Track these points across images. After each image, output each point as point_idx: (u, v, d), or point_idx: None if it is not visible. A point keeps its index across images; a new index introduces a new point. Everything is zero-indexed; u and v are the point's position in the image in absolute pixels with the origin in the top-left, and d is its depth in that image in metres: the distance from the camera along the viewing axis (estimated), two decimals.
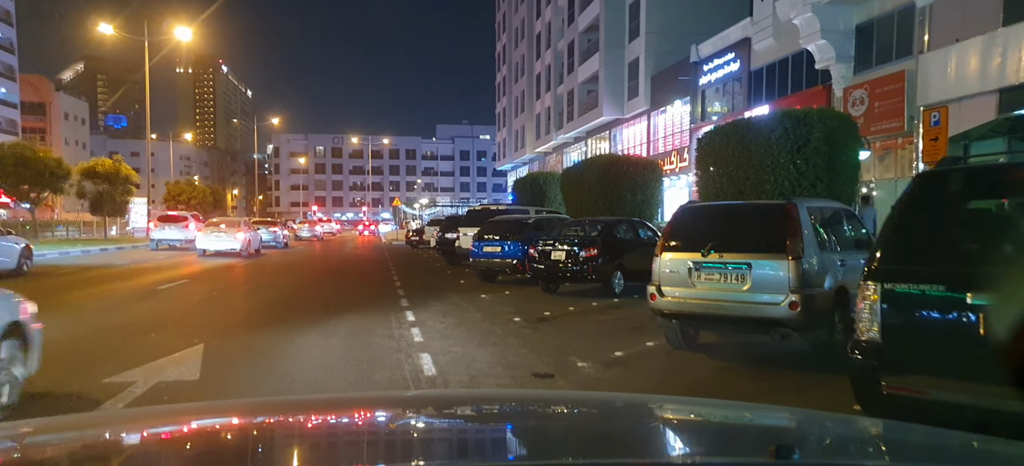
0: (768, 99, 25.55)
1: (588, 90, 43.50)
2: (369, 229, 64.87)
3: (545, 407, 1.96)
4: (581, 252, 11.77)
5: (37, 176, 27.57)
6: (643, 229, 13.57)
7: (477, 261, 15.19)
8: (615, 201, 19.49)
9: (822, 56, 21.15)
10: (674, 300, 6.50)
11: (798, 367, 6.31)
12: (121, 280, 15.08)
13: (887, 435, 1.63)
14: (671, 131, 35.29)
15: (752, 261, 5.99)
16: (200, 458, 1.38)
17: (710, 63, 30.47)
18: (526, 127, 59.19)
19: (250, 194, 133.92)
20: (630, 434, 1.61)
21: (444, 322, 9.26)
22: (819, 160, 10.78)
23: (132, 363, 6.13)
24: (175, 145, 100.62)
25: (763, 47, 26.21)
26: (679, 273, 6.46)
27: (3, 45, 75.19)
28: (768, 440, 1.39)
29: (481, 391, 4.88)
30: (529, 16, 57.35)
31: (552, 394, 3.97)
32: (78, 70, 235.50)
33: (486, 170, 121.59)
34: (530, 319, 9.56)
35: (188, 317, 9.74)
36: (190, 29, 37.33)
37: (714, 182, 12.80)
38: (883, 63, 19.35)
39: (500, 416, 1.82)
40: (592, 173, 20.32)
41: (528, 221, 15.52)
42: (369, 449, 1.49)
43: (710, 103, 31.34)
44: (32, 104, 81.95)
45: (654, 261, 6.72)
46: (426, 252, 30.80)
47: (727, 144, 12.38)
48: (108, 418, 2.45)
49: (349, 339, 7.96)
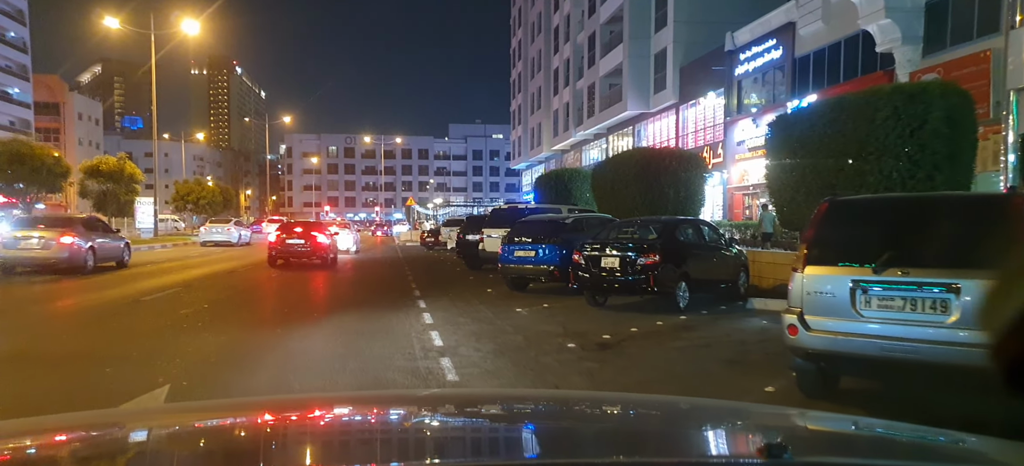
0: (816, 88, 23.40)
1: (610, 84, 41.44)
2: (382, 230, 63.11)
3: (533, 406, 2.01)
4: (639, 258, 9.76)
5: (33, 174, 25.99)
6: (707, 229, 11.57)
7: (507, 267, 13.22)
8: (655, 198, 17.46)
9: (884, 37, 19.00)
10: (827, 336, 4.50)
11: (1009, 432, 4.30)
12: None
13: (879, 434, 1.62)
14: (702, 125, 33.16)
15: (960, 281, 3.98)
16: (213, 456, 1.39)
17: (747, 51, 28.32)
18: (543, 124, 57.19)
19: (263, 194, 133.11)
20: (621, 433, 1.64)
21: (479, 348, 7.33)
22: (938, 145, 8.70)
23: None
24: (189, 145, 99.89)
25: (810, 31, 24.04)
26: (835, 297, 4.47)
27: (16, 44, 74.38)
28: (759, 440, 1.41)
29: (475, 391, 4.77)
30: (546, 9, 55.34)
31: (541, 393, 3.91)
32: (96, 72, 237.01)
33: (499, 170, 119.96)
34: (587, 345, 7.59)
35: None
36: (197, 22, 35.93)
37: (793, 174, 10.77)
38: (961, 43, 17.16)
39: (494, 416, 1.82)
40: (629, 168, 18.28)
41: (565, 221, 13.51)
42: (382, 448, 1.48)
43: (747, 94, 29.19)
44: (46, 104, 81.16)
45: (792, 278, 4.75)
46: (443, 254, 29.02)
47: (812, 129, 10.35)
48: (133, 415, 2.49)
49: (360, 374, 6.07)
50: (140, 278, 15.65)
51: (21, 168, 25.82)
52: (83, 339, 8.06)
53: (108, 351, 7.11)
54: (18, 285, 13.85)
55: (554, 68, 53.96)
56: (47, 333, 8.61)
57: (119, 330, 8.69)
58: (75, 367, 6.35)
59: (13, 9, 73.45)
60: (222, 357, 6.93)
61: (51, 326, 9.25)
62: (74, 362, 6.58)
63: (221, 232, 35.24)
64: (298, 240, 19.35)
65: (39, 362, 6.58)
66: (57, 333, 8.61)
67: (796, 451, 1.28)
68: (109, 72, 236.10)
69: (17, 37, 74.45)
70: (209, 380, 5.93)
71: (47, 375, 6.02)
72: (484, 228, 17.81)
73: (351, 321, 9.32)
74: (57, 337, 8.27)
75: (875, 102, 9.22)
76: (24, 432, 1.46)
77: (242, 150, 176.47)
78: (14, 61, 73.44)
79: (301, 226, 20.73)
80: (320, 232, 20.23)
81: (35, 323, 9.43)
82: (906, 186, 8.67)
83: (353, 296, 13.11)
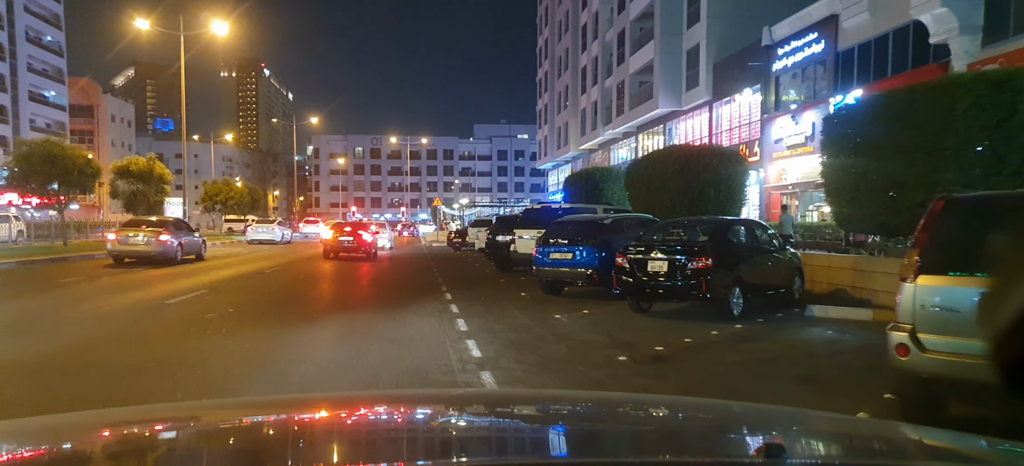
0: (861, 83, 22.33)
1: (640, 82, 40.55)
2: (408, 230, 62.91)
3: (532, 406, 2.00)
4: (690, 262, 9.05)
5: (65, 174, 26.07)
6: (759, 230, 10.81)
7: (542, 270, 12.58)
8: (696, 198, 16.71)
9: (939, 27, 17.93)
10: (947, 359, 3.80)
11: None
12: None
13: (878, 434, 1.62)
14: (737, 123, 32.13)
15: None
16: (241, 453, 1.40)
17: (786, 46, 27.28)
18: (570, 124, 56.41)
19: (290, 195, 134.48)
20: (620, 433, 1.63)
21: (521, 361, 6.73)
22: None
23: None
24: (218, 147, 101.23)
25: (855, 23, 22.97)
26: (956, 311, 3.77)
27: (52, 48, 75.93)
28: (758, 440, 1.41)
29: (476, 391, 4.79)
30: (574, 7, 54.57)
31: (540, 393, 3.96)
32: (129, 76, 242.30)
33: (524, 170, 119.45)
34: (639, 357, 6.93)
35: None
36: (226, 24, 35.99)
37: (852, 172, 9.97)
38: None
39: (493, 415, 1.83)
40: (667, 166, 17.53)
41: (604, 222, 12.82)
42: (407, 447, 1.49)
43: (785, 91, 28.14)
44: (81, 107, 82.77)
45: (900, 289, 4.06)
46: (470, 255, 28.56)
47: (874, 123, 9.54)
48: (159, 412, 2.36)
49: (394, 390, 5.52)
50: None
51: (53, 169, 25.89)
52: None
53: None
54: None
55: (582, 66, 53.18)
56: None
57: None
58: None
59: (49, 13, 74.97)
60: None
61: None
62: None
63: (266, 231, 38.52)
64: (348, 237, 23.33)
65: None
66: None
67: (796, 451, 1.29)
68: (141, 76, 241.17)
69: (53, 41, 75.97)
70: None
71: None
72: (516, 229, 17.20)
73: (384, 327, 8.79)
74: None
75: (953, 91, 8.36)
76: (24, 432, 1.49)
77: (270, 151, 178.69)
78: (50, 64, 74.95)
79: (350, 226, 25.03)
80: (365, 231, 24.31)
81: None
82: (989, 184, 7.84)
83: (388, 295, 12.67)
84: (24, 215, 37.94)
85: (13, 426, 1.61)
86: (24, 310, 10.45)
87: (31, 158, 25.79)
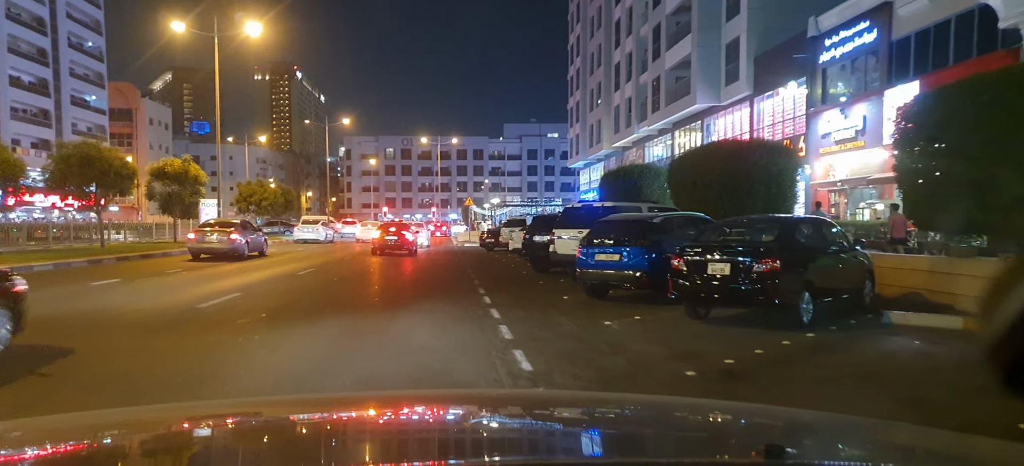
0: (918, 74, 21.09)
1: (677, 77, 39.47)
2: (441, 230, 62.62)
3: (529, 406, 1.98)
4: (755, 264, 8.26)
5: (102, 176, 26.23)
6: (827, 228, 9.95)
7: (586, 272, 11.88)
8: (745, 195, 15.81)
9: (1011, 12, 16.72)
10: None
11: None
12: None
13: (879, 434, 1.59)
14: (780, 118, 30.91)
15: None
16: (265, 453, 1.42)
17: (834, 36, 26.05)
18: (602, 121, 55.42)
19: (323, 196, 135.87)
20: (620, 434, 1.63)
21: (578, 376, 6.06)
22: None
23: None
24: (252, 148, 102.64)
25: (911, 10, 21.71)
26: None
27: (93, 53, 77.74)
28: (758, 440, 1.38)
29: (479, 391, 4.70)
30: (607, 3, 53.59)
31: (537, 393, 3.99)
32: (166, 80, 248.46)
33: (554, 169, 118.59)
34: (709, 372, 6.20)
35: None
36: (259, 25, 36.14)
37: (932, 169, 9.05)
38: None
39: (481, 414, 1.81)
40: (714, 162, 16.66)
41: (653, 221, 12.06)
42: (439, 446, 1.49)
43: (833, 83, 26.88)
44: (120, 110, 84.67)
45: None
46: (504, 255, 27.98)
47: (961, 111, 8.62)
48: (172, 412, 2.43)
49: None
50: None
51: (90, 171, 26.07)
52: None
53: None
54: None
55: (615, 63, 52.20)
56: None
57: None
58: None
59: (91, 19, 76.73)
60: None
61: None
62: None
63: (312, 231, 41.33)
64: (393, 237, 27.01)
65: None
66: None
67: (796, 451, 1.29)
68: (178, 80, 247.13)
69: (94, 47, 77.75)
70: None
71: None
72: (554, 228, 16.52)
73: (423, 335, 8.21)
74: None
75: None
76: (24, 431, 1.49)
77: (303, 152, 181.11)
78: (91, 69, 76.69)
79: (395, 226, 28.93)
80: (407, 231, 28.19)
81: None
82: None
83: (426, 296, 12.11)
84: (66, 216, 38.73)
85: (30, 424, 1.64)
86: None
87: (69, 160, 25.99)
